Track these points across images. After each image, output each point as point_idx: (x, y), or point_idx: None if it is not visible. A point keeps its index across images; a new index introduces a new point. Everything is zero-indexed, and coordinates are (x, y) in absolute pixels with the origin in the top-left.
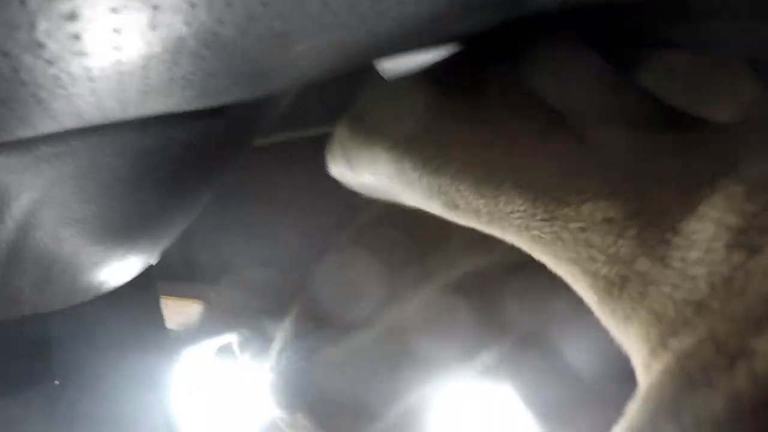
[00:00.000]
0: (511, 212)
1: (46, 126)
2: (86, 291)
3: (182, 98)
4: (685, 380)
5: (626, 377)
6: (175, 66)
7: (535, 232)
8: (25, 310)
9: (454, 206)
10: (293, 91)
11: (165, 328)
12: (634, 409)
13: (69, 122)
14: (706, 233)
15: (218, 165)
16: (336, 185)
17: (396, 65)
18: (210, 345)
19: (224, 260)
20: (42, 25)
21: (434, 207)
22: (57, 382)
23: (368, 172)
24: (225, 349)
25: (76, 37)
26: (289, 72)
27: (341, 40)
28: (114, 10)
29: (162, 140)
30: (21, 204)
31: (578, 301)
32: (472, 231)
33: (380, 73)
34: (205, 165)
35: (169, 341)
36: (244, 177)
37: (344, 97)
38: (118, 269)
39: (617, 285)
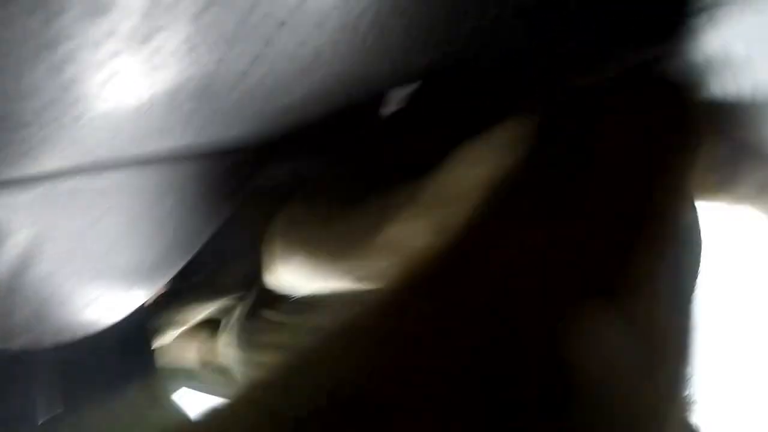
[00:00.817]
0: None
1: (50, 163)
2: (79, 328)
3: (180, 141)
4: None
5: None
6: (173, 110)
7: None
8: (17, 344)
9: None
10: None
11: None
12: None
13: (72, 160)
14: None
15: (218, 206)
16: None
17: None
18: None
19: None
20: (39, 70)
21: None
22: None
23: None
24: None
25: (72, 81)
26: (280, 120)
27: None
28: (114, 54)
29: (163, 181)
30: (22, 237)
31: None
32: None
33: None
34: (204, 205)
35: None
36: None
37: None
38: (114, 306)
39: None
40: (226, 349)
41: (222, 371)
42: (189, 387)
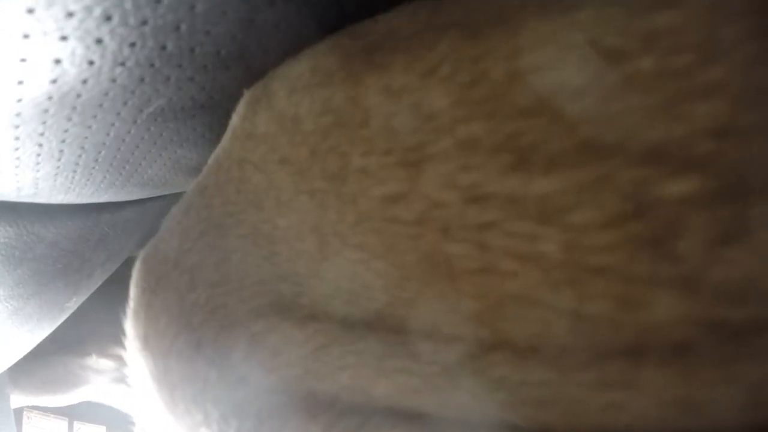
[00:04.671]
0: None
1: None
2: None
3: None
4: None
5: None
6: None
7: None
8: None
9: None
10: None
11: None
12: None
13: None
14: None
15: (89, 266)
16: None
17: None
18: None
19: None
20: None
21: None
22: None
23: None
24: None
25: None
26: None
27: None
28: None
29: (34, 236)
30: None
31: None
32: None
33: None
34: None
35: None
36: None
37: None
38: None
39: None
40: None
41: None
42: None
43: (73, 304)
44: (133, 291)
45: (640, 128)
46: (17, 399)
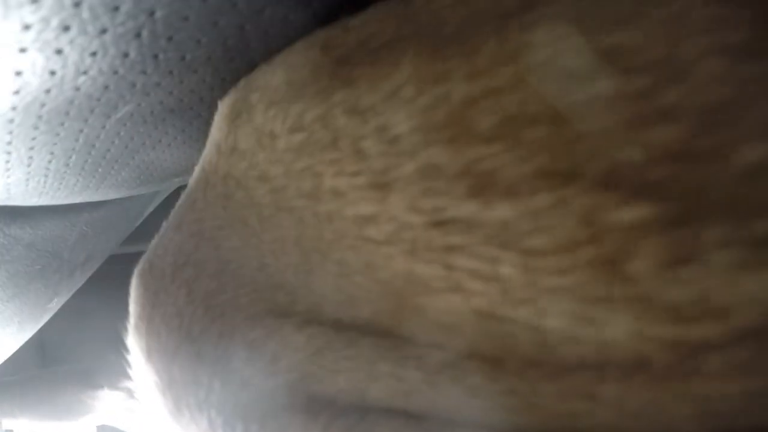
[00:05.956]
0: None
1: None
2: None
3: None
4: None
5: None
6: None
7: None
8: None
9: None
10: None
11: None
12: None
13: None
14: None
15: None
16: None
17: None
18: None
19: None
20: None
21: None
22: None
23: None
24: None
25: None
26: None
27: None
28: None
29: (10, 237)
30: None
31: None
32: None
33: None
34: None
35: None
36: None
37: None
38: None
39: None
40: None
41: None
42: None
43: (54, 305)
44: (132, 307)
45: (596, 154)
46: (21, 424)
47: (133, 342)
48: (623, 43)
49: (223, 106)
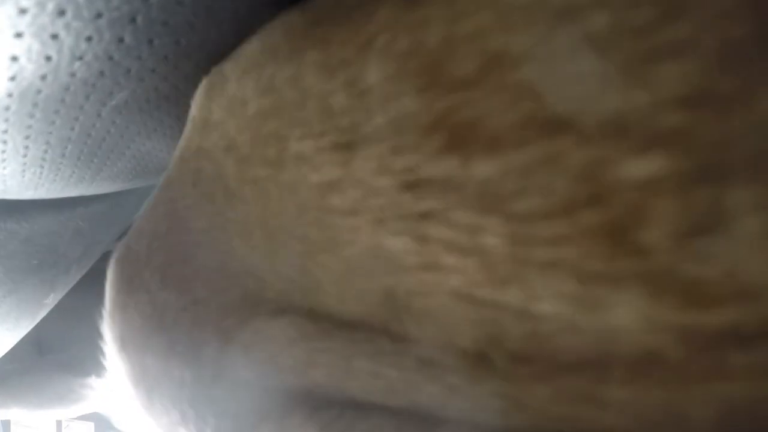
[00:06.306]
0: None
1: None
2: None
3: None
4: None
5: None
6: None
7: None
8: None
9: None
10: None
11: None
12: None
13: None
14: None
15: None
16: None
17: None
18: None
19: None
20: None
21: None
22: None
23: None
24: None
25: None
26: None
27: None
28: None
29: (6, 232)
30: None
31: None
32: None
33: None
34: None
35: None
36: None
37: None
38: None
39: None
40: None
41: None
42: None
43: (51, 301)
44: (108, 292)
45: (594, 98)
46: (14, 413)
47: (107, 330)
48: None
49: (203, 83)
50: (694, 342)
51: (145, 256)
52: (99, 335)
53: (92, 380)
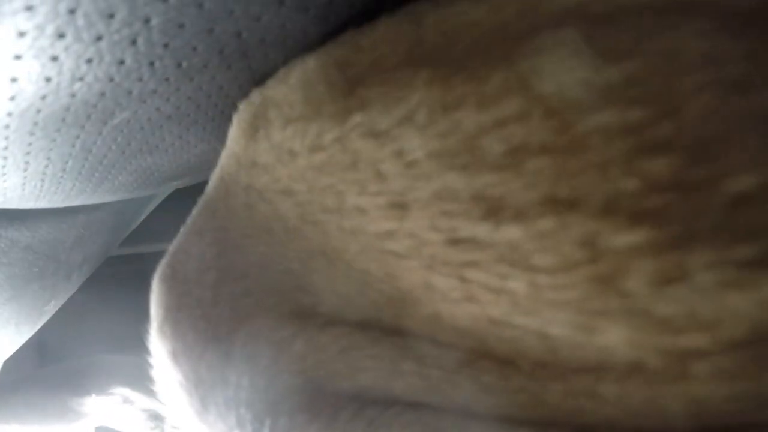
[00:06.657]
0: None
1: None
2: None
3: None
4: None
5: None
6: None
7: None
8: None
9: None
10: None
11: None
12: None
13: None
14: None
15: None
16: None
17: None
18: None
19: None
20: None
21: None
22: None
23: None
24: None
25: None
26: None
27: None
28: None
29: (7, 240)
30: None
31: None
32: None
33: None
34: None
35: None
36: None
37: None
38: None
39: None
40: None
41: None
42: None
43: (51, 308)
44: (155, 310)
45: (596, 184)
46: (13, 429)
47: (157, 345)
48: (624, 75)
49: (239, 120)
50: (668, 356)
51: (194, 277)
52: (112, 349)
53: (91, 399)
